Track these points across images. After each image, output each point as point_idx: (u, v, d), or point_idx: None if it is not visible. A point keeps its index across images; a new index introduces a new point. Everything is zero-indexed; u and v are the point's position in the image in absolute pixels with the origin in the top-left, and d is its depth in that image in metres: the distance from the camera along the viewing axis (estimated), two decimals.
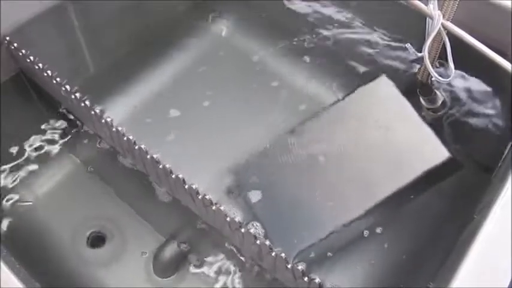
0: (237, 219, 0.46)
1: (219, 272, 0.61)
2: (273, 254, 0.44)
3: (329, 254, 0.62)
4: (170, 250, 0.61)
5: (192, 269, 0.62)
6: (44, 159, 0.69)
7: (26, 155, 0.69)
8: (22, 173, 0.68)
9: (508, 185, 0.45)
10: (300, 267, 0.43)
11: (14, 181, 0.67)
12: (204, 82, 0.78)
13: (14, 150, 0.68)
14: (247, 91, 0.76)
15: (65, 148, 0.70)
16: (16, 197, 0.66)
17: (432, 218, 0.64)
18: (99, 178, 0.68)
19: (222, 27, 0.84)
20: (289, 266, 0.43)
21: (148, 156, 0.50)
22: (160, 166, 0.49)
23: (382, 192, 0.61)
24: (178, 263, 0.62)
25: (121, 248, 0.63)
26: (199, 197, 0.47)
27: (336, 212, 0.61)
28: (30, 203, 0.66)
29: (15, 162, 0.68)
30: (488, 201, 0.47)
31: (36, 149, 0.69)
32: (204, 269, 0.61)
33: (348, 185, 0.62)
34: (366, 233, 0.63)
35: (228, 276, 0.61)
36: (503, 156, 0.58)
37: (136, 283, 0.61)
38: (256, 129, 0.71)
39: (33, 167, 0.68)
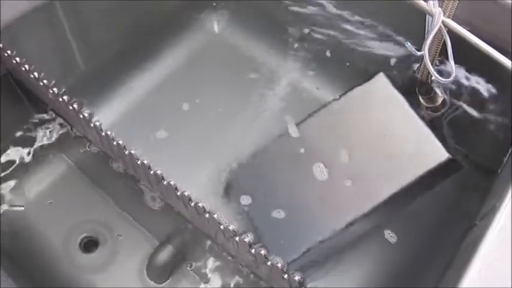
0: (231, 228, 0.44)
1: (213, 277, 0.60)
2: (269, 263, 0.43)
3: (328, 257, 0.61)
4: (164, 255, 0.60)
5: (186, 274, 0.61)
6: (34, 162, 0.68)
7: (16, 158, 0.67)
8: (12, 176, 0.67)
9: None
10: (296, 278, 0.41)
11: (4, 184, 0.66)
12: (197, 80, 0.77)
13: (2, 153, 0.66)
14: (240, 90, 0.75)
15: (55, 151, 0.69)
16: (6, 200, 0.65)
17: (432, 220, 0.63)
18: (91, 182, 0.67)
19: (215, 24, 0.82)
20: (285, 276, 0.42)
21: (139, 162, 0.48)
22: (152, 172, 0.48)
23: (380, 194, 0.59)
24: (172, 267, 0.61)
25: (114, 253, 0.62)
26: (192, 204, 0.46)
27: (333, 215, 0.60)
28: (21, 208, 0.65)
29: (4, 164, 0.66)
30: (492, 206, 0.46)
31: (25, 152, 0.68)
32: (199, 274, 0.61)
33: (345, 187, 0.61)
34: (364, 235, 0.62)
35: (222, 281, 0.60)
36: (506, 158, 0.57)
37: (130, 287, 0.60)
38: (250, 131, 0.70)
39: (24, 170, 0.67)
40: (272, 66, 0.77)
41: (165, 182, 0.47)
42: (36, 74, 0.55)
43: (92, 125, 0.52)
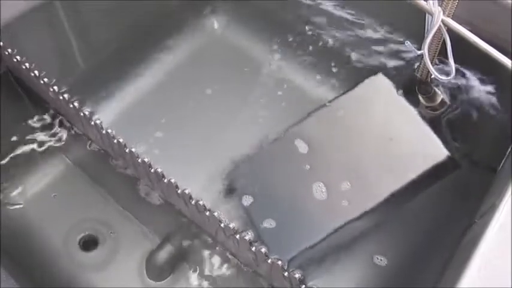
0: (231, 225, 0.44)
1: (213, 276, 0.60)
2: (269, 261, 0.43)
3: (327, 255, 0.61)
4: (164, 253, 0.60)
5: (186, 272, 0.61)
6: (34, 160, 0.68)
7: (16, 156, 0.67)
8: (12, 175, 0.67)
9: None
10: (296, 275, 0.41)
11: (4, 183, 0.66)
12: (197, 80, 0.76)
13: (2, 151, 0.66)
14: (240, 89, 0.75)
15: (56, 149, 0.69)
16: (6, 199, 0.65)
17: (431, 219, 0.63)
18: (91, 180, 0.67)
19: (215, 23, 0.82)
20: (286, 274, 0.42)
21: (139, 160, 0.48)
22: (152, 170, 0.48)
23: (379, 193, 0.60)
24: (173, 266, 0.61)
25: (114, 251, 0.62)
26: (193, 202, 0.46)
27: (333, 214, 0.60)
28: (21, 206, 0.65)
29: (4, 162, 0.66)
30: (491, 204, 0.46)
31: (25, 150, 0.68)
32: (198, 272, 0.61)
33: (344, 186, 0.61)
34: (363, 234, 0.62)
35: (222, 279, 0.60)
36: (505, 156, 0.57)
37: (130, 286, 0.60)
38: (251, 130, 0.70)
39: (24, 168, 0.67)
40: (272, 66, 0.77)
41: (165, 180, 0.48)
42: (36, 72, 0.55)
43: (92, 123, 0.52)
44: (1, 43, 0.57)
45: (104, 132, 0.51)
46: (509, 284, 0.38)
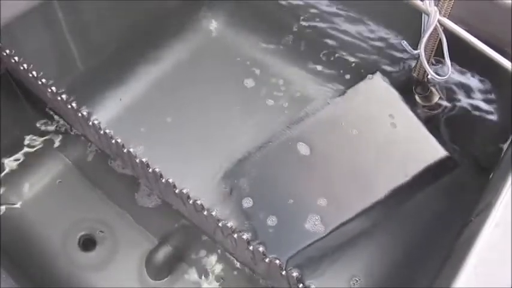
0: (229, 225, 0.44)
1: (212, 275, 0.60)
2: (267, 260, 0.43)
3: (325, 255, 0.61)
4: (163, 252, 0.61)
5: (185, 272, 0.61)
6: (32, 161, 0.68)
7: (15, 156, 0.67)
8: (11, 175, 0.67)
9: (508, 185, 0.44)
10: (294, 274, 0.41)
11: (2, 183, 0.66)
12: (194, 81, 0.77)
13: (1, 151, 0.67)
14: (238, 91, 0.75)
15: (54, 150, 0.69)
16: (4, 199, 0.65)
17: (428, 218, 0.63)
18: (90, 180, 0.67)
19: (213, 24, 0.83)
20: (283, 273, 0.42)
21: (137, 160, 0.49)
22: (150, 170, 0.48)
23: (378, 192, 0.60)
24: (171, 265, 0.61)
25: (113, 251, 0.63)
26: (190, 201, 0.46)
27: (331, 213, 0.60)
28: (18, 206, 0.65)
29: (3, 162, 0.67)
30: (487, 202, 0.46)
31: (24, 151, 0.68)
32: (197, 272, 0.61)
33: (342, 185, 0.62)
34: (361, 233, 0.62)
35: (221, 279, 0.60)
36: (502, 155, 0.57)
37: (129, 286, 0.60)
38: (249, 131, 0.70)
39: (22, 169, 0.67)
40: (270, 66, 0.78)
41: (163, 180, 0.48)
42: (34, 73, 0.55)
43: (90, 123, 0.52)
44: (0, 44, 0.57)
45: (102, 132, 0.51)
46: (506, 283, 0.39)
